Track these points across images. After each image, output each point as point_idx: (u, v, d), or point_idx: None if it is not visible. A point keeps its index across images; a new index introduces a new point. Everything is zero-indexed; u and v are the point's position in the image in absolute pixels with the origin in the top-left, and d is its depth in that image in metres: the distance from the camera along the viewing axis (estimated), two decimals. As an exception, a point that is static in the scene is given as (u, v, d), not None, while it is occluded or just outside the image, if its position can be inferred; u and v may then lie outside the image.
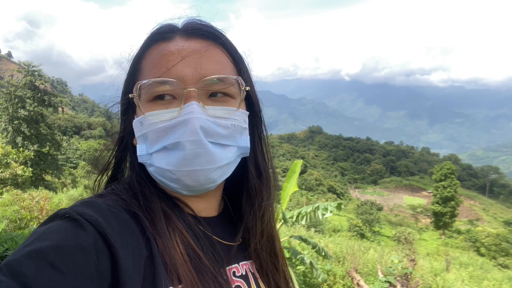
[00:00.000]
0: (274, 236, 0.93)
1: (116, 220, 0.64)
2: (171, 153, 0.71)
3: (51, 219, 0.62)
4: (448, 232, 53.96)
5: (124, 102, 0.82)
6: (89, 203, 0.65)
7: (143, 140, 0.75)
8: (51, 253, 0.52)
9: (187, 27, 0.78)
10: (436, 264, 14.90)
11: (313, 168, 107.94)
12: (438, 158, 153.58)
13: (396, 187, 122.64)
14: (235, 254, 0.83)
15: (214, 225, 0.83)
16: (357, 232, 35.00)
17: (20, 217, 8.47)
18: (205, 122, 0.71)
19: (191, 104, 0.70)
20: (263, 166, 0.88)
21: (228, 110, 0.75)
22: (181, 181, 0.72)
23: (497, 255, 34.19)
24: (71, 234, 0.56)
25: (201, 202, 0.83)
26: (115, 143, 0.85)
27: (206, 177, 0.72)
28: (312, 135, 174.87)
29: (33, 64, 31.67)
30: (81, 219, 0.59)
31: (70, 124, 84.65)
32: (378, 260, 11.84)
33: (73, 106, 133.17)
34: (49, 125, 32.40)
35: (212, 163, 0.72)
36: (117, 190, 0.75)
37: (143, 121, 0.73)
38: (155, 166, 0.74)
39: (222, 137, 0.74)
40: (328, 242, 14.50)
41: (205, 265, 0.70)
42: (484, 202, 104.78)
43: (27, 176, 18.57)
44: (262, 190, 0.86)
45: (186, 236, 0.72)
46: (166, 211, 0.73)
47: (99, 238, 0.58)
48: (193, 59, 0.73)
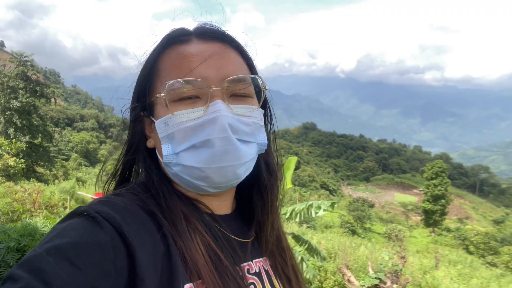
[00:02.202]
0: (281, 231, 0.96)
1: (133, 218, 0.65)
2: (200, 151, 0.72)
3: (70, 217, 0.63)
4: (438, 230, 54.50)
5: (136, 105, 0.82)
6: (106, 202, 0.67)
7: (168, 140, 0.75)
8: (69, 250, 0.53)
9: (203, 30, 0.80)
10: (426, 262, 15.10)
11: (307, 165, 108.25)
12: (430, 157, 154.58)
13: (388, 184, 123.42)
14: (250, 251, 0.84)
15: (229, 222, 0.84)
16: (348, 229, 35.18)
17: (12, 210, 8.40)
18: (231, 119, 0.73)
19: (217, 102, 0.72)
20: (272, 162, 0.91)
21: (250, 108, 0.78)
22: (210, 178, 0.73)
23: (485, 254, 34.61)
24: (89, 232, 0.58)
25: (216, 200, 0.84)
26: (123, 148, 0.86)
27: (233, 173, 0.74)
28: (306, 131, 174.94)
29: (25, 54, 31.32)
30: (98, 216, 0.60)
31: (63, 116, 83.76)
32: (368, 257, 11.97)
33: (65, 98, 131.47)
34: (41, 116, 32.14)
35: (239, 159, 0.74)
36: (134, 190, 0.76)
37: (169, 121, 0.74)
38: (182, 165, 0.74)
39: (246, 134, 0.76)
40: (320, 238, 14.62)
41: (225, 265, 0.71)
42: (474, 201, 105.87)
43: (19, 168, 18.42)
44: (272, 186, 0.89)
45: (206, 237, 0.73)
46: (185, 212, 0.75)
47: (116, 236, 0.59)
48: (215, 60, 0.75)
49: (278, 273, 0.90)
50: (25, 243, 3.31)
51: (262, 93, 0.81)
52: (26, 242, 3.34)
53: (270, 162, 0.91)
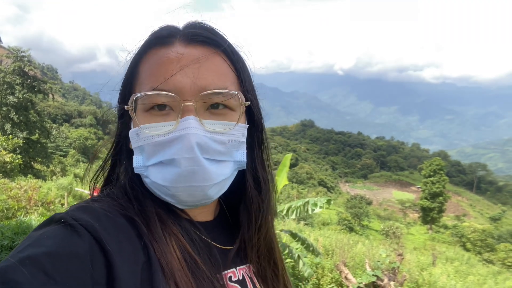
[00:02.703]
0: (274, 247, 0.92)
1: (113, 225, 0.63)
2: (167, 169, 0.70)
3: (47, 224, 0.61)
4: (435, 227, 54.80)
5: (120, 108, 0.79)
6: (85, 208, 0.64)
7: (139, 152, 0.73)
8: (45, 260, 0.51)
9: (187, 33, 0.74)
10: (423, 259, 15.12)
11: (304, 162, 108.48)
12: (428, 154, 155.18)
13: (386, 181, 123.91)
14: (232, 259, 0.82)
15: (210, 229, 0.82)
16: (346, 226, 35.25)
17: (7, 207, 8.32)
18: (202, 138, 0.69)
19: (188, 118, 0.68)
20: (262, 177, 0.86)
21: (226, 125, 0.73)
22: (177, 197, 0.71)
23: (482, 251, 34.85)
24: (66, 240, 0.55)
25: (197, 208, 0.81)
26: (111, 146, 0.84)
27: (203, 194, 0.71)
28: (304, 128, 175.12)
29: (22, 49, 31.12)
30: (76, 224, 0.58)
31: (60, 112, 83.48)
32: (366, 254, 11.97)
33: (63, 94, 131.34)
34: (39, 112, 32.00)
35: (208, 180, 0.70)
36: (113, 194, 0.74)
37: (139, 133, 0.71)
38: (150, 179, 0.72)
39: (218, 153, 0.72)
40: (318, 235, 14.61)
41: (201, 269, 0.69)
42: (471, 198, 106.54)
43: (16, 164, 18.34)
44: (259, 201, 0.85)
45: (182, 240, 0.71)
46: (161, 216, 0.73)
47: (94, 244, 0.57)
48: (192, 69, 0.70)
49: (266, 284, 0.87)
50: (19, 242, 3.28)
51: (241, 108, 0.74)
52: (20, 240, 3.30)
53: (259, 177, 0.85)
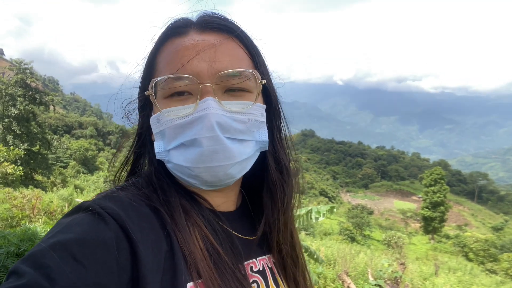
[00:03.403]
0: (294, 231, 0.93)
1: (137, 214, 0.65)
2: (189, 150, 0.71)
3: (75, 211, 0.63)
4: (437, 237, 54.40)
5: (141, 98, 0.81)
6: (111, 197, 0.66)
7: (160, 137, 0.75)
8: (73, 246, 0.53)
9: (201, 21, 0.77)
10: (425, 269, 15.05)
11: (305, 172, 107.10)
12: (428, 164, 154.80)
13: (387, 191, 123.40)
14: (253, 249, 0.83)
15: (232, 219, 0.83)
16: (347, 236, 35.09)
17: (11, 215, 8.36)
18: (221, 117, 0.70)
19: (207, 99, 0.70)
20: (283, 159, 0.86)
21: (245, 104, 0.74)
22: (200, 177, 0.72)
23: (485, 261, 34.54)
24: (93, 228, 0.57)
25: (219, 197, 0.82)
26: (133, 139, 0.86)
27: (224, 173, 0.72)
28: (305, 138, 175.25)
29: (24, 61, 31.36)
30: (103, 212, 0.60)
31: (61, 123, 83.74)
32: (368, 264, 11.92)
33: (64, 105, 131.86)
34: (40, 123, 32.10)
35: (231, 159, 0.71)
36: (138, 184, 0.75)
37: (160, 118, 0.73)
38: (173, 163, 0.74)
39: (239, 132, 0.73)
40: (320, 245, 14.56)
41: (223, 260, 0.70)
42: (473, 208, 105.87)
43: (17, 175, 18.37)
44: (283, 183, 0.85)
45: (205, 231, 0.72)
46: (185, 206, 0.74)
47: (120, 232, 0.59)
48: (208, 54, 0.72)
49: (285, 273, 0.88)
50: (25, 248, 3.31)
51: (258, 87, 0.76)
52: (26, 247, 3.33)
53: (281, 159, 0.86)
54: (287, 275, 0.89)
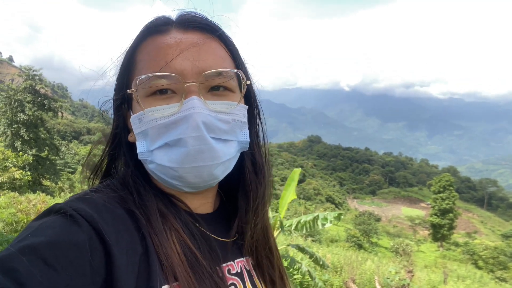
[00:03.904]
0: (269, 231, 0.92)
1: (111, 216, 0.63)
2: (173, 150, 0.70)
3: (46, 214, 0.61)
4: (446, 244, 53.73)
5: (117, 97, 0.79)
6: (84, 199, 0.64)
7: (142, 137, 0.73)
8: (44, 249, 0.51)
9: (183, 19, 0.76)
10: (434, 277, 14.84)
11: (312, 178, 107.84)
12: (437, 170, 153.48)
13: (395, 198, 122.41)
14: (231, 251, 0.82)
15: (210, 221, 0.82)
16: (354, 243, 34.76)
17: (16, 220, 8.38)
18: (207, 117, 0.69)
19: (192, 99, 0.69)
20: (259, 161, 0.86)
21: (229, 104, 0.74)
22: (184, 178, 0.71)
23: (494, 269, 33.99)
24: (65, 230, 0.56)
25: (198, 199, 0.82)
26: (108, 140, 0.83)
27: (209, 173, 0.71)
28: (311, 144, 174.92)
29: (33, 68, 31.76)
30: (76, 214, 0.58)
31: (70, 129, 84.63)
32: (375, 271, 11.78)
33: (73, 111, 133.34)
34: (48, 129, 32.37)
35: (215, 159, 0.70)
36: (113, 186, 0.74)
37: (142, 117, 0.71)
38: (156, 163, 0.72)
39: (224, 132, 0.73)
40: (326, 252, 14.43)
41: (201, 264, 0.69)
42: (482, 215, 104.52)
43: (25, 181, 18.51)
44: (257, 185, 0.85)
45: (182, 235, 0.71)
46: (161, 210, 0.72)
47: (93, 234, 0.57)
48: (192, 52, 0.71)
49: (262, 274, 0.87)
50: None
51: (243, 88, 0.76)
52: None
53: (257, 159, 0.86)
54: (264, 277, 0.87)
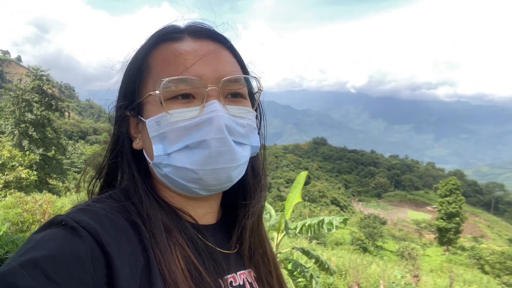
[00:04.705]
0: (264, 237, 0.92)
1: (113, 227, 0.63)
2: (195, 152, 0.70)
3: (47, 226, 0.60)
4: (452, 248, 53.26)
5: (122, 103, 0.79)
6: (86, 210, 0.64)
7: (159, 140, 0.73)
8: (46, 263, 0.51)
9: (196, 29, 0.78)
10: (440, 281, 14.70)
11: (317, 180, 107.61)
12: (443, 173, 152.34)
13: (400, 201, 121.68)
14: (234, 263, 0.82)
15: (213, 232, 0.82)
16: (359, 246, 34.60)
17: (22, 220, 8.38)
18: (228, 120, 0.71)
19: (214, 102, 0.70)
20: (257, 166, 0.89)
21: (245, 110, 0.77)
22: (203, 180, 0.71)
23: (501, 274, 33.63)
24: (67, 243, 0.55)
25: (203, 208, 0.82)
26: (108, 147, 0.83)
27: (227, 176, 0.72)
28: (317, 146, 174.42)
29: (41, 68, 32.03)
30: (77, 226, 0.58)
31: (76, 129, 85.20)
32: (380, 275, 11.69)
33: (79, 111, 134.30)
34: (55, 129, 32.58)
35: (234, 161, 0.72)
36: (115, 196, 0.73)
37: (161, 120, 0.71)
38: (174, 166, 0.72)
39: (241, 136, 0.75)
40: (331, 255, 14.35)
41: (205, 281, 0.69)
42: (489, 219, 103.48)
43: (32, 180, 18.64)
44: (256, 189, 0.87)
45: (187, 250, 0.70)
46: (166, 224, 0.72)
47: (95, 247, 0.57)
48: (210, 59, 0.73)
49: (262, 284, 0.87)
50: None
51: (258, 94, 0.81)
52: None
53: (256, 165, 0.88)
54: (266, 287, 0.87)
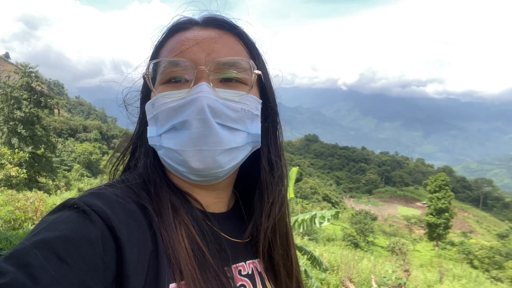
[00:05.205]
0: (290, 242, 0.90)
1: (124, 212, 0.64)
2: (179, 133, 0.71)
3: (60, 209, 0.61)
4: (441, 243, 54.00)
5: (143, 90, 0.83)
6: (98, 194, 0.65)
7: (154, 122, 0.75)
8: (58, 244, 0.52)
9: (205, 19, 0.80)
10: (430, 276, 14.93)
11: (309, 177, 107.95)
12: (433, 170, 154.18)
13: (391, 197, 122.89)
14: (243, 252, 0.81)
15: (223, 221, 0.81)
16: (351, 242, 34.87)
17: (14, 218, 8.33)
18: (213, 102, 0.70)
19: (201, 84, 0.70)
20: (275, 160, 0.85)
21: (238, 93, 0.74)
22: (187, 163, 0.71)
23: (490, 268, 34.24)
24: (79, 226, 0.56)
25: (211, 196, 0.82)
26: (134, 133, 0.86)
27: (213, 159, 0.70)
28: (308, 143, 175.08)
29: (30, 65, 31.62)
30: (89, 210, 0.59)
31: (66, 127, 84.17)
32: (372, 270, 11.84)
33: (69, 109, 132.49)
34: (45, 127, 32.29)
35: (219, 145, 0.70)
36: (127, 181, 0.75)
37: (155, 102, 0.73)
38: (164, 147, 0.73)
39: (231, 120, 0.73)
40: (323, 251, 14.48)
41: (208, 262, 0.69)
42: (478, 215, 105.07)
43: (21, 178, 18.45)
44: (273, 185, 0.83)
45: (192, 231, 0.71)
46: (174, 203, 0.73)
47: (106, 230, 0.58)
48: (207, 44, 0.74)
49: (274, 279, 0.87)
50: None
51: (253, 77, 0.76)
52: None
53: (273, 161, 0.84)
54: (278, 283, 0.87)
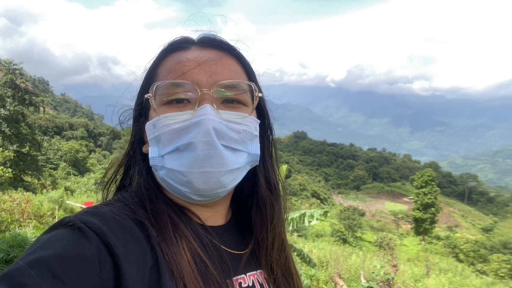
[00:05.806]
0: (287, 252, 0.92)
1: (121, 229, 0.63)
2: (183, 154, 0.71)
3: (55, 227, 0.61)
4: (428, 238, 54.83)
5: (137, 108, 0.83)
6: (93, 212, 0.65)
7: (155, 143, 0.75)
8: (53, 263, 0.52)
9: (203, 39, 0.81)
10: (417, 270, 15.16)
11: (298, 173, 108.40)
12: (419, 165, 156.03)
13: (378, 193, 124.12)
14: (243, 264, 0.82)
15: (221, 233, 0.82)
16: (339, 237, 35.15)
17: (0, 220, 8.18)
18: (218, 124, 0.71)
19: (205, 106, 0.71)
20: (273, 177, 0.88)
21: (241, 115, 0.76)
22: (192, 184, 0.71)
23: (475, 261, 34.88)
24: (74, 243, 0.56)
25: (209, 211, 0.82)
26: (127, 149, 0.86)
27: (217, 180, 0.72)
28: (297, 140, 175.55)
29: (14, 62, 30.97)
30: (84, 227, 0.59)
31: (51, 124, 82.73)
32: (360, 266, 11.97)
33: (54, 106, 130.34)
34: (30, 124, 31.71)
35: (223, 166, 0.71)
36: (124, 199, 0.75)
37: (157, 123, 0.74)
38: (166, 168, 0.73)
39: (234, 141, 0.74)
40: (312, 247, 14.59)
41: (211, 273, 0.69)
42: (463, 209, 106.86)
43: (6, 177, 18.11)
44: (272, 201, 0.86)
45: (193, 243, 0.71)
46: (173, 218, 0.73)
47: (102, 247, 0.58)
48: (208, 66, 0.75)
49: (274, 285, 0.87)
50: (14, 254, 3.24)
51: (255, 99, 0.79)
52: (16, 253, 3.27)
53: (270, 177, 0.87)
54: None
